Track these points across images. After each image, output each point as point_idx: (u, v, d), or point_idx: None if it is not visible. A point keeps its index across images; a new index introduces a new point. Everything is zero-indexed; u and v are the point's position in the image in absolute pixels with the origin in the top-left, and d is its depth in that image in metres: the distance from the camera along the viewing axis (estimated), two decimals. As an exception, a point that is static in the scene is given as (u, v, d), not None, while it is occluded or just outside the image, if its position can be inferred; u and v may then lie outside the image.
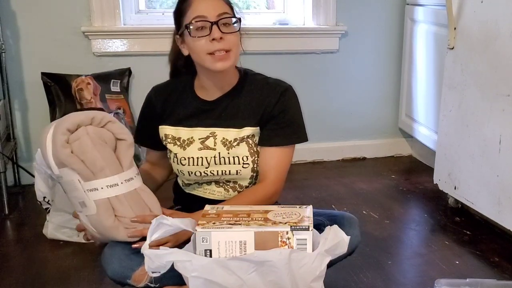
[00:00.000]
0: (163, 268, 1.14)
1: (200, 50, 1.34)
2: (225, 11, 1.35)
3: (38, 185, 1.92)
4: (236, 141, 1.42)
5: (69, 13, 2.47)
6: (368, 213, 2.22)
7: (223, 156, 1.42)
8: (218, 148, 1.43)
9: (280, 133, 1.42)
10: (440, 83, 2.31)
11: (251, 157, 1.43)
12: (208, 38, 1.32)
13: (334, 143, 2.95)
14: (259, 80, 1.47)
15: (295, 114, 1.45)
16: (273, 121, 1.42)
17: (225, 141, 1.43)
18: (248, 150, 1.43)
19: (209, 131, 1.44)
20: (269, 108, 1.42)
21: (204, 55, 1.34)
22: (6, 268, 1.79)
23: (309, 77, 2.79)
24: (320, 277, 1.16)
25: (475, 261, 1.83)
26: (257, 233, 1.15)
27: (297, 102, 1.46)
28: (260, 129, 1.43)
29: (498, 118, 1.87)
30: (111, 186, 1.28)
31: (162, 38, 2.58)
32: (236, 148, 1.42)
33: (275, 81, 1.47)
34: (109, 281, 1.35)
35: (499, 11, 1.83)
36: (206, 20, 1.32)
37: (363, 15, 2.81)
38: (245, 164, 1.42)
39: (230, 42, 1.34)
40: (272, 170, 1.42)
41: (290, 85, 1.46)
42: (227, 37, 1.33)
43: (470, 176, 2.04)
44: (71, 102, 2.40)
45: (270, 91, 1.43)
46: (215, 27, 1.32)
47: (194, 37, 1.33)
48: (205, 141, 1.44)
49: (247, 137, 1.43)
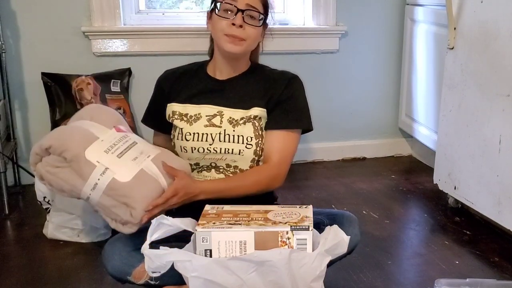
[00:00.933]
0: (163, 268, 1.14)
1: (219, 29, 1.41)
2: (256, 6, 1.42)
3: (38, 185, 1.93)
4: (243, 119, 1.46)
5: (69, 13, 2.47)
6: (368, 213, 2.22)
7: (228, 133, 1.45)
8: (224, 125, 1.46)
9: (287, 117, 1.47)
10: (440, 83, 2.31)
11: (256, 139, 1.45)
12: (229, 21, 1.39)
13: (334, 143, 2.95)
14: (269, 69, 1.56)
15: (303, 102, 1.52)
16: (281, 105, 1.47)
17: (231, 119, 1.46)
18: (254, 132, 1.45)
19: (216, 109, 1.48)
20: (277, 92, 1.48)
21: (221, 33, 1.41)
22: (6, 268, 1.79)
23: (309, 77, 2.77)
24: (320, 277, 1.16)
25: (475, 261, 1.83)
26: (257, 233, 1.15)
27: (304, 91, 1.53)
28: (267, 113, 1.47)
29: (498, 118, 1.87)
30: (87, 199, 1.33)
31: (162, 38, 2.60)
32: (242, 126, 1.45)
33: (283, 71, 1.56)
34: (109, 281, 1.35)
35: (499, 11, 1.83)
36: (235, 5, 1.39)
37: (363, 15, 2.81)
38: (248, 144, 1.45)
39: (247, 33, 1.41)
40: (276, 153, 1.45)
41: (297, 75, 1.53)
42: (247, 27, 1.41)
43: (470, 176, 2.04)
44: (71, 102, 2.40)
45: (279, 77, 1.51)
46: (239, 14, 1.39)
47: (219, 16, 1.41)
48: (212, 119, 1.47)
49: (254, 118, 1.46)
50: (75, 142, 1.32)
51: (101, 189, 1.29)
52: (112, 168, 1.30)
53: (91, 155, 1.30)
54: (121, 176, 1.29)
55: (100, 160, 1.30)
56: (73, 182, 1.31)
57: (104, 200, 1.30)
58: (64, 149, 1.30)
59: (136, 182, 1.30)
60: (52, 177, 1.32)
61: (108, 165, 1.30)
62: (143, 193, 1.30)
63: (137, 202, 1.29)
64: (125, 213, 1.30)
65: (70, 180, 1.31)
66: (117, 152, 1.33)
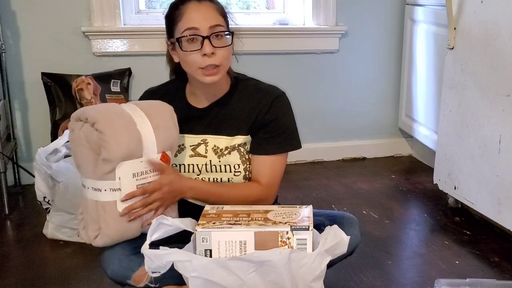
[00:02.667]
0: (163, 268, 1.14)
1: (192, 64, 1.33)
2: (218, 23, 1.33)
3: (38, 185, 1.93)
4: (228, 149, 1.41)
5: (69, 13, 2.47)
6: (368, 213, 2.22)
7: (214, 164, 1.41)
8: (209, 155, 1.42)
9: (272, 142, 1.40)
10: (440, 83, 2.31)
11: (243, 165, 1.42)
12: (199, 53, 1.30)
13: (334, 143, 2.94)
14: (251, 86, 1.45)
15: (287, 122, 1.42)
16: (265, 129, 1.40)
17: (216, 148, 1.42)
18: (240, 158, 1.41)
19: (200, 138, 1.43)
20: (260, 116, 1.40)
21: (195, 68, 1.33)
22: (6, 268, 1.79)
23: (309, 77, 2.79)
24: (320, 277, 1.16)
25: (475, 261, 1.83)
26: (257, 233, 1.15)
27: (290, 109, 1.44)
28: (252, 136, 1.42)
29: (498, 118, 1.87)
30: (83, 186, 1.30)
31: (162, 38, 2.56)
32: (227, 156, 1.41)
33: (267, 87, 1.45)
34: (109, 281, 1.35)
35: (499, 11, 1.83)
36: (197, 34, 1.30)
37: (363, 15, 2.81)
38: (236, 172, 1.41)
39: (221, 57, 1.32)
40: (265, 176, 1.41)
41: (283, 92, 1.44)
42: (219, 52, 1.32)
43: (470, 176, 2.04)
44: (71, 102, 2.40)
45: (261, 98, 1.41)
46: (207, 42, 1.30)
47: (185, 51, 1.32)
48: (196, 148, 1.43)
49: (239, 145, 1.42)
50: (121, 150, 1.23)
51: (99, 197, 1.26)
52: (123, 194, 1.26)
53: (121, 169, 1.24)
54: (121, 207, 1.27)
55: (122, 179, 1.25)
56: (86, 165, 1.27)
57: (90, 204, 1.28)
58: (107, 145, 1.22)
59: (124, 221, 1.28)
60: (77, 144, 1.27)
61: (123, 190, 1.26)
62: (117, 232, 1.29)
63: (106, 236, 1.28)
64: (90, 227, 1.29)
65: (85, 161, 1.27)
66: (140, 181, 1.28)
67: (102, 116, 1.25)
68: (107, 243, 1.30)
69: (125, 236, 1.31)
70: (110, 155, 1.22)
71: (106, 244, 1.30)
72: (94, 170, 1.25)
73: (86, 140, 1.26)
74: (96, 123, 1.23)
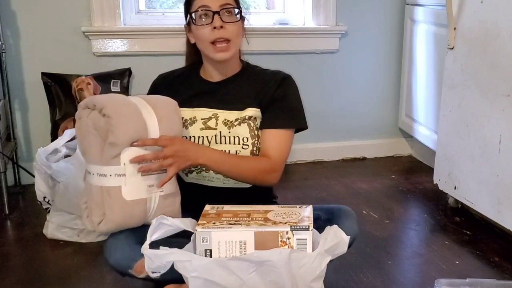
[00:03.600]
0: (163, 268, 1.14)
1: (203, 38, 1.44)
2: (228, 2, 1.44)
3: (38, 185, 1.93)
4: (238, 120, 1.47)
5: (69, 13, 2.47)
6: (368, 213, 2.23)
7: (223, 135, 1.46)
8: (219, 127, 1.47)
9: (281, 116, 1.48)
10: (440, 83, 2.31)
11: (252, 139, 1.46)
12: (210, 27, 1.42)
13: (334, 143, 2.94)
14: (260, 69, 1.57)
15: (296, 100, 1.52)
16: (274, 104, 1.48)
17: (226, 121, 1.47)
18: (249, 132, 1.46)
19: (211, 112, 1.49)
20: (270, 92, 1.49)
21: (207, 44, 1.43)
22: (6, 268, 1.79)
23: (309, 77, 2.79)
24: (320, 277, 1.16)
25: (475, 261, 1.83)
26: (257, 233, 1.15)
27: (297, 90, 1.53)
28: (262, 112, 1.49)
29: (498, 118, 1.87)
30: (88, 173, 1.31)
31: (162, 38, 2.60)
32: (237, 127, 1.46)
33: (275, 70, 1.57)
34: (109, 281, 1.36)
35: (499, 11, 1.83)
36: (208, 9, 1.42)
37: (363, 15, 2.81)
38: (244, 145, 1.45)
39: (230, 32, 1.43)
40: (272, 151, 1.46)
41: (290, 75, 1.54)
42: (228, 26, 1.43)
43: (470, 176, 2.04)
44: (71, 102, 2.40)
45: (272, 77, 1.52)
46: (217, 16, 1.41)
47: (197, 25, 1.43)
48: (207, 122, 1.48)
49: (249, 118, 1.47)
50: (127, 135, 1.27)
51: (104, 182, 1.27)
52: (128, 180, 1.27)
53: (126, 154, 1.27)
54: (126, 192, 1.28)
55: (127, 165, 1.27)
56: (93, 151, 1.28)
57: (95, 190, 1.29)
58: (114, 130, 1.25)
59: (129, 207, 1.29)
60: (84, 130, 1.30)
61: (128, 175, 1.27)
62: (122, 218, 1.29)
63: (111, 221, 1.28)
64: (94, 214, 1.29)
65: (91, 147, 1.29)
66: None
67: (110, 103, 1.29)
68: (111, 229, 1.30)
69: (129, 223, 1.31)
70: (117, 138, 1.26)
71: (109, 230, 1.30)
72: (100, 156, 1.28)
73: (94, 127, 1.29)
74: (104, 109, 1.27)
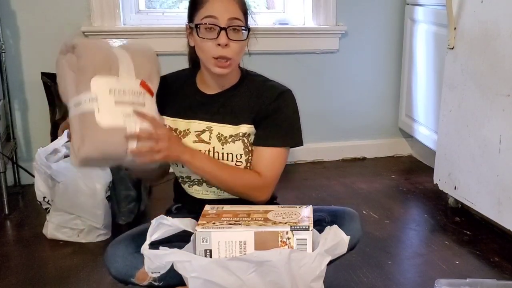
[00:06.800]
0: (162, 268, 1.14)
1: (205, 51, 1.37)
2: (237, 17, 1.36)
3: (38, 185, 1.93)
4: (232, 137, 1.42)
5: (69, 13, 2.47)
6: (368, 213, 2.23)
7: (217, 150, 1.42)
8: (212, 142, 1.43)
9: (273, 134, 1.41)
10: (440, 83, 2.31)
11: (245, 156, 1.42)
12: (214, 42, 1.34)
13: (334, 143, 2.95)
14: (259, 81, 1.48)
15: (291, 116, 1.44)
16: (268, 120, 1.41)
17: (220, 136, 1.43)
18: (243, 149, 1.42)
19: (205, 125, 1.44)
20: (264, 106, 1.41)
21: (208, 56, 1.36)
22: (6, 268, 1.79)
23: (309, 77, 2.79)
24: (320, 277, 1.16)
25: (475, 261, 1.83)
26: (257, 233, 1.15)
27: (295, 106, 1.45)
28: (255, 128, 1.43)
29: (498, 118, 1.87)
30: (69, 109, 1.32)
31: (162, 38, 2.60)
32: (230, 144, 1.42)
33: (275, 83, 1.48)
34: (109, 281, 1.36)
35: (499, 11, 1.83)
36: (215, 24, 1.34)
37: (363, 15, 2.81)
38: (238, 162, 1.42)
39: (233, 51, 1.36)
40: (264, 169, 1.40)
41: (290, 89, 1.46)
42: (233, 44, 1.35)
43: (470, 176, 2.04)
44: (71, 102, 2.40)
45: (267, 91, 1.44)
46: (223, 33, 1.33)
47: (202, 38, 1.35)
48: (201, 135, 1.44)
49: (243, 135, 1.42)
50: (95, 60, 1.29)
51: (79, 111, 1.27)
52: (101, 105, 1.26)
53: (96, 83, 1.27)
54: (100, 117, 1.25)
55: (98, 92, 1.27)
56: (69, 87, 1.31)
57: (74, 121, 1.29)
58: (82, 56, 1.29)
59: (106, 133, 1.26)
60: (61, 71, 1.33)
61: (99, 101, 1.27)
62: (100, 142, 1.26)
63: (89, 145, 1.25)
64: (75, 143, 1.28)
65: (68, 84, 1.31)
66: (119, 98, 1.28)
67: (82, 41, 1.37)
68: (90, 154, 1.25)
69: (109, 149, 1.27)
70: (83, 61, 1.29)
71: (89, 155, 1.25)
72: (75, 88, 1.29)
73: (69, 67, 1.32)
74: (76, 47, 1.31)
